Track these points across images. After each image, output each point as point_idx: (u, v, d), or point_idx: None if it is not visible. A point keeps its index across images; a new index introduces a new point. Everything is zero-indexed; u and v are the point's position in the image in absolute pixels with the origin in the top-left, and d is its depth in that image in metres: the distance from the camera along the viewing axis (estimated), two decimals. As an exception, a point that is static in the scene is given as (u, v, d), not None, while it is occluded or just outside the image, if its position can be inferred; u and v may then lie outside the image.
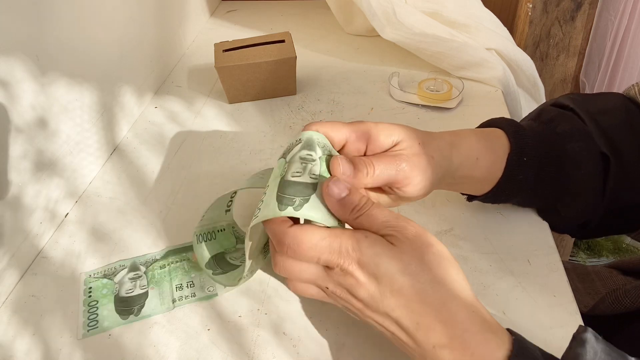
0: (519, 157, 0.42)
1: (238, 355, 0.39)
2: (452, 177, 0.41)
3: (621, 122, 0.45)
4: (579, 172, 0.43)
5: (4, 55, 0.43)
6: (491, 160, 0.42)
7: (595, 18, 1.16)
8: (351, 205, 0.34)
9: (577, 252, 1.53)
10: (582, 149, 0.44)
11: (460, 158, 0.41)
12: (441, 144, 0.40)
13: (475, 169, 0.42)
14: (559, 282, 0.42)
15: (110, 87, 0.60)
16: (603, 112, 0.46)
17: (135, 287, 0.44)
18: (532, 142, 0.43)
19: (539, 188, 0.44)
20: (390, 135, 0.38)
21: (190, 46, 0.85)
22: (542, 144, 0.44)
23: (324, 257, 0.33)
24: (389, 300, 0.31)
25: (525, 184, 0.43)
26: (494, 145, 0.43)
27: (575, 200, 0.44)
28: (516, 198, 0.46)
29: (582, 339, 0.29)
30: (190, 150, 0.61)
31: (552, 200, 0.45)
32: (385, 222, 0.33)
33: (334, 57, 0.79)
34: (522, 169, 0.43)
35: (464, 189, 0.45)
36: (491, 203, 0.47)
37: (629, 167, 0.43)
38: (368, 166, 0.36)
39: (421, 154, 0.38)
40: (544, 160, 0.43)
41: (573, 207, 0.45)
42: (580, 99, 0.47)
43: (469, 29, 0.73)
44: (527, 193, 0.44)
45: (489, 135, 0.43)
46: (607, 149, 0.43)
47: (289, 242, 0.33)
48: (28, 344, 0.41)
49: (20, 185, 0.46)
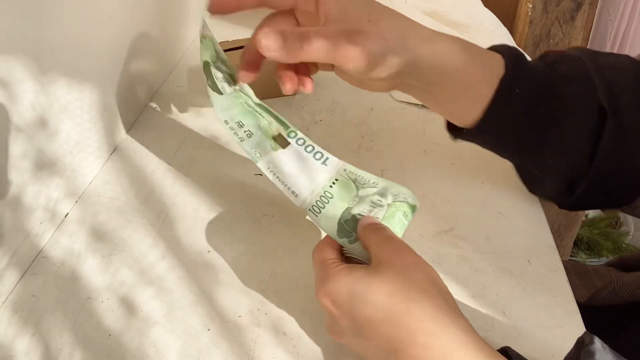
0: (511, 87, 0.38)
1: (238, 355, 0.39)
2: (418, 78, 0.38)
3: (628, 82, 0.41)
4: (572, 117, 0.40)
5: (4, 55, 0.43)
6: (477, 77, 0.38)
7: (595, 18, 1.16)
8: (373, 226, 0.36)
9: (577, 252, 1.53)
10: (580, 94, 0.40)
11: (432, 57, 0.37)
12: (404, 29, 0.36)
13: (452, 80, 0.38)
14: (559, 282, 0.42)
15: (110, 87, 0.60)
16: (612, 67, 0.42)
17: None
18: (529, 74, 0.39)
19: (527, 126, 0.40)
20: (338, 1, 0.36)
21: (190, 46, 0.85)
22: (540, 80, 0.40)
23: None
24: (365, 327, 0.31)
25: (513, 120, 0.40)
26: (486, 61, 0.39)
27: (563, 146, 0.40)
28: (501, 138, 0.42)
29: (591, 350, 0.28)
30: (190, 150, 0.61)
31: (539, 145, 0.41)
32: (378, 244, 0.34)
33: (334, 57, 0.79)
34: (512, 101, 0.39)
35: (438, 105, 0.41)
36: (474, 139, 0.43)
37: (627, 128, 0.39)
38: (303, 40, 0.33)
39: (367, 33, 0.34)
40: (538, 97, 0.39)
41: (560, 153, 0.41)
42: (590, 52, 0.43)
43: (469, 29, 0.73)
44: (512, 134, 0.41)
45: (481, 51, 0.39)
46: (606, 103, 0.39)
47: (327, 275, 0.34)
48: (28, 344, 0.41)
49: (20, 185, 0.46)
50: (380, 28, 0.35)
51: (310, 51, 0.33)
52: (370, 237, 0.35)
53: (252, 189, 0.54)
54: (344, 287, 0.32)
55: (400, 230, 0.38)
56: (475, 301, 0.41)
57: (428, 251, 0.46)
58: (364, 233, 0.36)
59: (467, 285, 0.42)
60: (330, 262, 0.34)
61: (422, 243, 0.47)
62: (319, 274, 0.34)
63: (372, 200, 0.38)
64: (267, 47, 0.33)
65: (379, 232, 0.35)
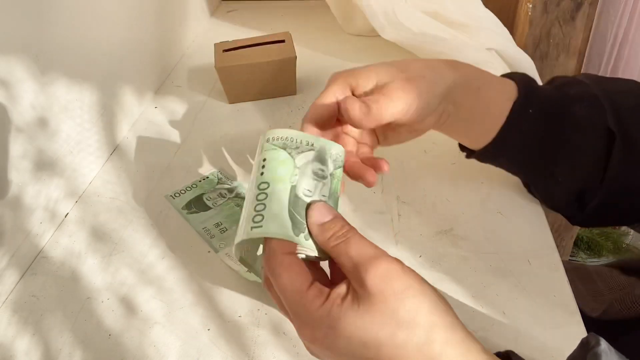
0: (524, 108, 0.41)
1: (238, 355, 0.39)
2: (452, 101, 0.40)
3: (635, 105, 0.42)
4: (581, 136, 0.41)
5: (4, 55, 0.43)
6: (493, 99, 0.41)
7: (595, 18, 1.16)
8: (330, 231, 0.31)
9: (577, 252, 1.53)
10: (589, 115, 0.41)
11: (459, 79, 0.39)
12: (431, 63, 0.39)
13: (475, 100, 0.40)
14: (559, 282, 0.42)
15: (110, 87, 0.60)
16: (618, 92, 0.44)
17: (213, 200, 0.52)
18: (540, 96, 0.42)
19: (538, 145, 0.42)
20: (368, 77, 0.38)
21: (190, 46, 0.85)
22: (550, 101, 0.42)
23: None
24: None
25: (525, 139, 0.42)
26: (500, 86, 0.42)
27: (572, 164, 0.42)
28: (513, 154, 0.44)
29: (597, 353, 0.28)
30: (190, 150, 0.61)
31: (548, 162, 0.43)
32: (357, 264, 0.29)
33: (334, 57, 0.79)
34: (526, 120, 0.41)
35: (463, 130, 0.44)
36: (488, 159, 0.45)
37: (636, 150, 0.41)
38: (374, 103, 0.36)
39: (409, 78, 0.37)
40: (549, 117, 0.41)
41: (569, 171, 0.42)
42: (597, 78, 0.45)
43: (469, 29, 0.73)
44: (526, 150, 0.43)
45: (495, 77, 0.42)
46: (615, 126, 0.41)
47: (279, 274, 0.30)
48: (28, 344, 0.41)
49: (21, 185, 0.46)
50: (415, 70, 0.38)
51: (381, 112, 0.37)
52: (339, 255, 0.30)
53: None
54: (339, 332, 0.28)
55: (338, 206, 0.34)
56: (475, 301, 0.41)
57: (428, 251, 0.46)
58: (327, 246, 0.31)
59: (467, 285, 0.42)
60: (311, 296, 0.29)
61: (422, 243, 0.47)
62: (297, 311, 0.29)
63: (313, 170, 0.33)
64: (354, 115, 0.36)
65: (348, 245, 0.30)
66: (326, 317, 0.28)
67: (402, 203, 0.51)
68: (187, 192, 0.53)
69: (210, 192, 0.53)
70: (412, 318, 0.28)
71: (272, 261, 0.30)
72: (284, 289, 0.30)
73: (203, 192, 0.53)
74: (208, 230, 0.49)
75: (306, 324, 0.29)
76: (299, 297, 0.29)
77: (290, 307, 0.30)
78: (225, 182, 0.54)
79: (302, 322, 0.29)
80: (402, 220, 0.49)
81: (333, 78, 0.39)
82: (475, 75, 0.41)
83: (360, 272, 0.29)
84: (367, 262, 0.29)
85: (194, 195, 0.52)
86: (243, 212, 0.34)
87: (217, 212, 0.50)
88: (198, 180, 0.54)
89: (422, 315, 0.28)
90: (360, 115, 0.36)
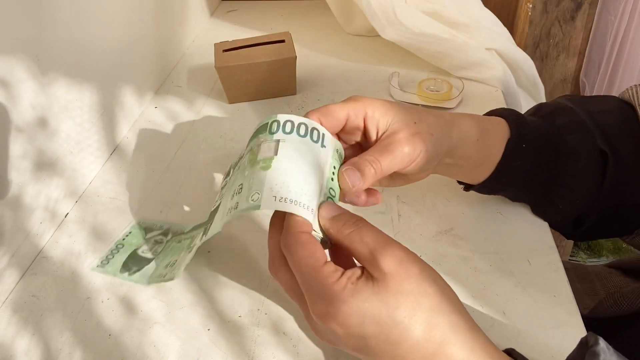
0: (517, 143, 0.42)
1: (238, 355, 0.39)
2: (452, 155, 0.41)
3: (618, 122, 0.45)
4: (578, 164, 0.43)
5: (4, 55, 0.43)
6: (490, 144, 0.42)
7: (595, 18, 1.16)
8: (342, 220, 0.33)
9: (577, 252, 1.53)
10: (581, 141, 0.44)
11: (460, 136, 0.41)
12: (440, 121, 0.40)
13: (474, 150, 0.42)
14: (559, 282, 0.42)
15: (110, 87, 0.60)
16: (601, 111, 0.46)
17: (151, 250, 0.46)
18: (531, 131, 0.43)
19: (536, 177, 0.44)
20: (385, 114, 0.38)
21: (190, 46, 0.85)
22: (541, 134, 0.44)
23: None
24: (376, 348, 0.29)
25: (522, 172, 0.43)
26: (495, 129, 0.43)
27: (572, 192, 0.44)
28: (512, 188, 0.45)
29: (596, 352, 0.28)
30: (190, 150, 0.61)
31: (548, 192, 0.45)
32: (373, 249, 0.31)
33: (334, 57, 0.79)
34: (520, 156, 0.43)
35: (461, 174, 0.45)
36: (487, 193, 0.47)
37: (626, 166, 0.43)
38: (374, 164, 0.36)
39: (419, 133, 0.37)
40: (543, 149, 0.43)
41: (569, 199, 0.44)
42: (578, 100, 0.48)
43: (469, 29, 0.73)
44: (524, 182, 0.44)
45: (489, 121, 0.43)
46: (605, 145, 0.43)
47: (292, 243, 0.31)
48: (28, 344, 0.41)
49: (21, 185, 0.46)
50: (426, 126, 0.38)
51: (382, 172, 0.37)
52: (353, 242, 0.32)
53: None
54: (353, 308, 0.29)
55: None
56: (475, 301, 0.41)
57: (428, 251, 0.46)
58: (340, 234, 0.32)
59: (467, 285, 0.42)
60: (327, 273, 0.30)
61: (422, 243, 0.47)
62: (312, 287, 0.30)
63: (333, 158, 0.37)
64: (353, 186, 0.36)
65: (362, 232, 0.32)
66: (341, 291, 0.29)
67: (402, 203, 0.51)
68: (116, 256, 0.47)
69: (142, 246, 0.47)
70: (427, 301, 0.29)
71: (289, 238, 0.31)
72: (300, 264, 0.30)
73: (135, 247, 0.47)
74: (163, 276, 0.43)
75: (320, 298, 0.29)
76: (315, 273, 0.30)
77: (304, 282, 0.30)
78: (154, 228, 0.49)
79: (316, 297, 0.30)
80: (402, 220, 0.49)
81: (354, 97, 0.39)
82: (473, 126, 0.42)
83: (376, 256, 0.30)
84: (382, 247, 0.30)
85: (126, 255, 0.47)
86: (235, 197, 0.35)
87: (163, 257, 0.46)
88: (121, 239, 0.48)
89: (435, 298, 0.30)
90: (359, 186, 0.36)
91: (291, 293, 0.33)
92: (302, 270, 0.30)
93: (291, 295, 0.34)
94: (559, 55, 1.16)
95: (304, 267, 0.30)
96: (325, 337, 0.32)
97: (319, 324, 0.31)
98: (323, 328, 0.31)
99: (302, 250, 0.31)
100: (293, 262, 0.31)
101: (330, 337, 0.32)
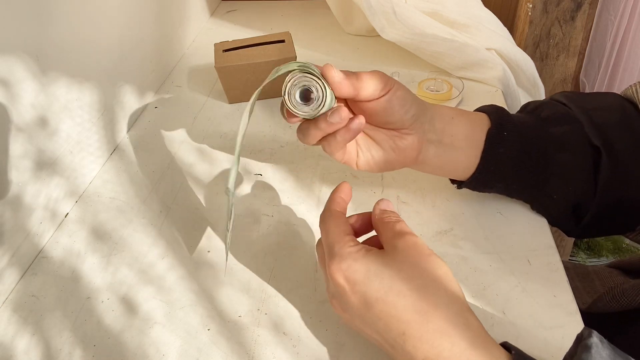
0: (499, 131, 0.43)
1: (238, 355, 0.39)
2: (434, 130, 0.42)
3: (616, 119, 0.45)
4: (565, 155, 0.43)
5: (4, 55, 0.43)
6: (469, 125, 0.43)
7: (595, 18, 1.16)
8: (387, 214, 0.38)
9: (577, 252, 1.53)
10: (567, 132, 0.44)
11: (434, 110, 0.43)
12: (414, 96, 0.42)
13: (452, 127, 0.43)
14: (559, 282, 0.42)
15: (110, 86, 0.60)
16: (598, 108, 0.46)
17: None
18: (513, 120, 0.44)
19: (524, 165, 0.44)
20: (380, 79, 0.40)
21: (190, 46, 0.85)
22: (524, 124, 0.44)
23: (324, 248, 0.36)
24: (375, 307, 0.32)
25: (508, 160, 0.43)
26: (472, 117, 0.44)
27: (563, 182, 0.44)
28: (503, 180, 0.45)
29: (588, 344, 0.28)
30: (190, 150, 0.61)
31: (540, 183, 0.45)
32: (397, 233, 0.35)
33: (334, 57, 0.79)
34: (502, 143, 0.43)
35: (450, 163, 0.45)
36: (480, 189, 0.47)
37: (623, 162, 0.43)
38: (351, 75, 0.38)
39: (402, 86, 0.40)
40: (526, 139, 0.43)
41: (562, 189, 0.44)
42: (575, 96, 0.48)
43: (469, 29, 0.73)
44: (513, 172, 0.44)
45: (469, 111, 0.45)
46: (598, 142, 0.43)
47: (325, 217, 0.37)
48: (28, 344, 0.41)
49: (21, 185, 0.46)
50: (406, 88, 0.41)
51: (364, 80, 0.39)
52: (385, 226, 0.36)
53: (252, 189, 0.54)
54: (361, 266, 0.33)
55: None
56: (475, 301, 0.41)
57: (428, 251, 0.46)
58: (380, 222, 0.37)
59: (467, 285, 0.42)
60: (348, 239, 0.35)
61: (422, 243, 0.47)
62: (333, 247, 0.35)
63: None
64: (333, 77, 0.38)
65: (398, 224, 0.36)
66: (355, 252, 0.34)
67: (402, 203, 0.51)
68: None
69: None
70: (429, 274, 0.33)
71: (325, 212, 0.38)
72: (328, 231, 0.36)
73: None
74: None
75: (338, 256, 0.34)
76: (339, 237, 0.35)
77: (328, 244, 0.35)
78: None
79: (333, 255, 0.34)
80: (402, 220, 0.49)
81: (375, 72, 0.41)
82: (448, 109, 0.44)
83: (395, 236, 0.35)
84: (404, 233, 0.35)
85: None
86: None
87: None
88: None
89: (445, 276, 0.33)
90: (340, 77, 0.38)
91: (321, 263, 0.38)
92: (329, 235, 0.36)
93: (321, 265, 0.38)
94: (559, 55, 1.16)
95: (330, 233, 0.36)
96: (335, 302, 0.36)
97: (330, 281, 0.35)
98: (330, 286, 0.35)
99: (333, 221, 0.37)
100: (324, 229, 0.37)
101: (336, 295, 0.35)
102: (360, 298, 0.33)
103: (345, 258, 0.33)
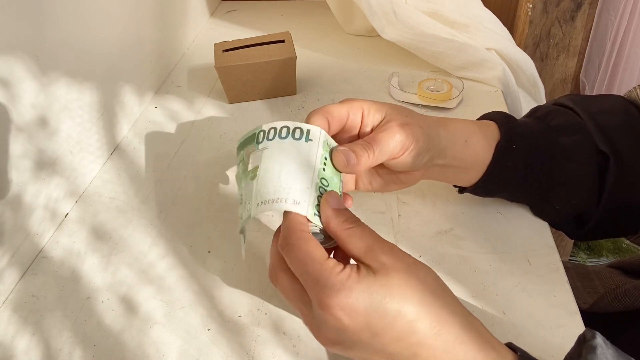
0: (507, 144, 0.43)
1: (238, 355, 0.39)
2: (443, 156, 0.42)
3: (621, 122, 0.45)
4: (572, 165, 0.43)
5: (4, 55, 0.43)
6: (480, 145, 0.43)
7: (595, 18, 1.16)
8: (344, 216, 0.34)
9: (577, 252, 1.53)
10: (575, 142, 0.44)
11: (449, 136, 0.42)
12: (428, 119, 0.42)
13: (464, 151, 0.42)
14: (559, 282, 0.42)
15: (110, 86, 0.60)
16: (603, 112, 0.46)
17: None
18: (522, 132, 0.44)
19: (529, 178, 0.44)
20: (379, 110, 0.40)
21: (190, 46, 0.85)
22: (533, 134, 0.44)
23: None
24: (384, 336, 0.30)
25: (514, 173, 0.43)
26: (484, 131, 0.43)
27: (568, 192, 0.44)
28: (507, 189, 0.45)
29: (593, 345, 0.28)
30: (190, 150, 0.61)
31: (544, 192, 0.45)
32: (371, 245, 0.32)
33: (334, 57, 0.79)
34: (510, 157, 0.43)
35: (455, 176, 0.45)
36: (482, 195, 0.47)
37: (628, 167, 0.43)
38: (368, 149, 0.37)
39: (410, 124, 0.39)
40: (534, 149, 0.43)
41: (566, 199, 0.44)
42: (580, 99, 0.48)
43: (469, 29, 0.73)
44: (518, 183, 0.44)
45: (479, 124, 0.44)
46: (605, 147, 0.43)
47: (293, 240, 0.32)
48: (28, 344, 0.41)
49: (21, 185, 0.46)
50: (416, 120, 0.40)
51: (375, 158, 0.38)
52: (352, 236, 0.33)
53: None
54: (359, 297, 0.30)
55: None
56: (475, 301, 0.41)
57: (428, 251, 0.46)
58: (339, 228, 0.33)
59: (467, 285, 0.42)
60: (331, 265, 0.31)
61: (422, 243, 0.47)
62: (318, 279, 0.31)
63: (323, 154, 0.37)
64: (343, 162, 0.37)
65: (362, 230, 0.34)
66: (346, 280, 0.30)
67: (402, 203, 0.51)
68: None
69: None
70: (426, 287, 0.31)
71: (291, 235, 0.33)
72: (305, 260, 0.31)
73: None
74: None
75: (328, 288, 0.30)
76: (320, 266, 0.31)
77: (310, 275, 0.31)
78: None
79: (322, 287, 0.30)
80: (402, 220, 0.49)
81: (349, 99, 0.41)
82: (461, 128, 0.43)
83: (374, 251, 0.32)
84: (380, 243, 0.33)
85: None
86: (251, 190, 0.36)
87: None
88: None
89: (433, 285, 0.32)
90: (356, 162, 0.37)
91: (292, 296, 0.34)
92: (308, 264, 0.31)
93: (291, 300, 0.34)
94: (559, 55, 1.15)
95: (309, 261, 0.31)
96: (328, 335, 0.32)
97: (325, 317, 0.31)
98: (326, 324, 0.31)
99: (305, 246, 0.32)
100: (297, 257, 0.32)
101: (333, 334, 0.31)
102: (366, 331, 0.30)
103: (339, 289, 0.30)
